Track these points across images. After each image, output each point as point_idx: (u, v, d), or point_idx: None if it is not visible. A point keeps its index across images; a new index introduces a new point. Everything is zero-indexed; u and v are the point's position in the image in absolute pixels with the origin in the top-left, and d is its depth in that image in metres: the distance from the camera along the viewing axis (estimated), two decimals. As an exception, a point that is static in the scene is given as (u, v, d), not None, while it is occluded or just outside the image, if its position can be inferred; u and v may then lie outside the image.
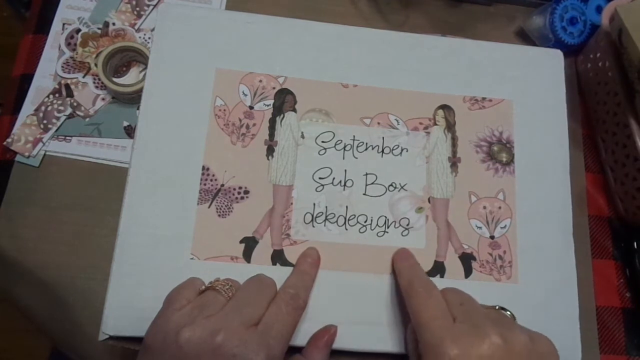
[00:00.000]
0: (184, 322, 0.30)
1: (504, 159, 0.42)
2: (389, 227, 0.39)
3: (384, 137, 0.41)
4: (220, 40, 0.42)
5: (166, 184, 0.38)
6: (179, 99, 0.40)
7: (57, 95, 0.47)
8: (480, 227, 0.40)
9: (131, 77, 0.49)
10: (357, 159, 0.41)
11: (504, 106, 0.43)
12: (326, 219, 0.39)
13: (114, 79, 0.47)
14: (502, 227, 0.40)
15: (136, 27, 0.50)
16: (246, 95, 0.41)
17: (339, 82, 0.42)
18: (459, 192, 0.41)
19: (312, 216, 0.39)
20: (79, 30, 0.49)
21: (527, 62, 0.44)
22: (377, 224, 0.39)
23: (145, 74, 0.41)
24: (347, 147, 0.41)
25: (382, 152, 0.41)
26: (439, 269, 0.39)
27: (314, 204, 0.39)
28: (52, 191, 0.45)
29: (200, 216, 0.38)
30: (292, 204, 0.39)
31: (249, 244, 0.38)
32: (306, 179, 0.40)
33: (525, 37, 0.54)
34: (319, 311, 0.37)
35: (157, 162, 0.39)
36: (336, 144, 0.41)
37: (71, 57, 0.48)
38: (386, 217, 0.40)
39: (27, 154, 0.46)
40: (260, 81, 0.41)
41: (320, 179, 0.40)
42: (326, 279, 0.37)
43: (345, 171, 0.40)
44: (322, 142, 0.41)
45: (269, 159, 0.40)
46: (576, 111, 0.52)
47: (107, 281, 0.36)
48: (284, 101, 0.41)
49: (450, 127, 0.42)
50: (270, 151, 0.40)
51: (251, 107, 0.41)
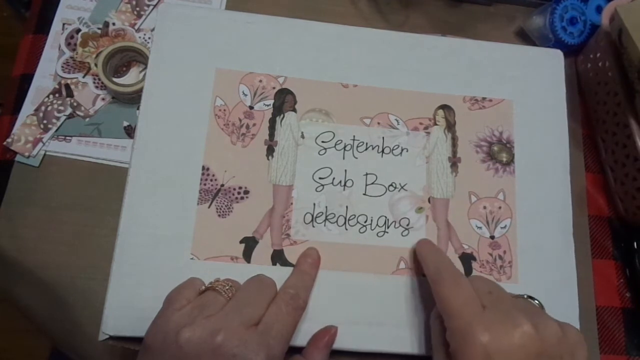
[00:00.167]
0: (184, 322, 0.30)
1: (504, 159, 0.42)
2: (389, 227, 0.39)
3: (384, 137, 0.41)
4: (220, 40, 0.42)
5: (166, 184, 0.38)
6: (179, 99, 0.40)
7: (57, 95, 0.47)
8: (480, 227, 0.40)
9: (131, 77, 0.49)
10: (357, 159, 0.41)
11: (504, 106, 0.43)
12: (326, 219, 0.39)
13: (114, 79, 0.47)
14: (502, 227, 0.40)
15: (136, 27, 0.50)
16: (246, 95, 0.41)
17: (339, 82, 0.42)
18: (459, 192, 0.41)
19: (312, 216, 0.39)
20: (79, 30, 0.49)
21: (527, 62, 0.44)
22: (377, 224, 0.39)
23: (145, 74, 0.41)
24: (347, 147, 0.41)
25: (382, 152, 0.41)
26: (439, 269, 0.39)
27: (314, 204, 0.39)
28: (52, 191, 0.45)
29: (200, 216, 0.38)
30: (292, 204, 0.39)
31: (249, 244, 0.38)
32: (306, 179, 0.40)
33: (525, 37, 0.54)
34: (319, 311, 0.37)
35: (157, 162, 0.39)
36: (336, 144, 0.41)
37: (71, 57, 0.48)
38: (386, 217, 0.40)
39: (27, 154, 0.46)
40: (260, 81, 0.41)
41: (320, 179, 0.40)
42: (326, 279, 0.37)
43: (345, 171, 0.40)
44: (322, 142, 0.41)
45: (269, 159, 0.40)
46: (576, 111, 0.52)
47: (107, 281, 0.36)
48: (284, 101, 0.41)
49: (450, 127, 0.42)
50: (270, 151, 0.40)
51: (251, 107, 0.41)
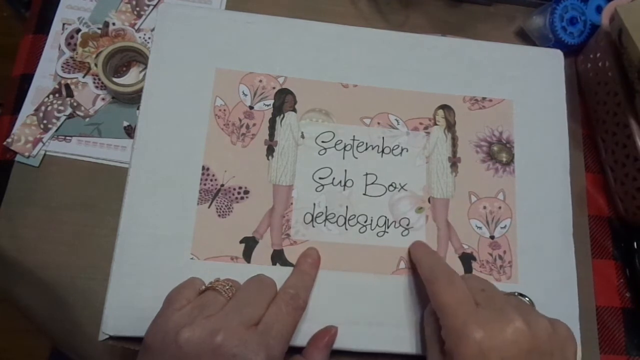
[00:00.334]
0: (184, 322, 0.30)
1: (504, 159, 0.42)
2: (389, 227, 0.39)
3: (384, 137, 0.41)
4: (220, 40, 0.42)
5: (166, 184, 0.38)
6: (179, 99, 0.40)
7: (57, 95, 0.47)
8: (480, 227, 0.40)
9: (131, 77, 0.49)
10: (357, 159, 0.41)
11: (504, 106, 0.43)
12: (326, 219, 0.39)
13: (114, 79, 0.47)
14: (502, 227, 0.40)
15: (136, 27, 0.50)
16: (246, 95, 0.41)
17: (339, 82, 0.42)
18: (459, 192, 0.41)
19: (312, 216, 0.39)
20: (79, 30, 0.49)
21: (527, 62, 0.44)
22: (377, 224, 0.39)
23: (145, 74, 0.41)
24: (347, 147, 0.41)
25: (382, 152, 0.41)
26: (439, 269, 0.39)
27: (314, 204, 0.39)
28: (52, 191, 0.45)
29: (200, 216, 0.38)
30: (292, 204, 0.39)
31: (249, 244, 0.38)
32: (306, 179, 0.40)
33: (525, 37, 0.54)
34: (319, 311, 0.37)
35: (157, 162, 0.39)
36: (336, 144, 0.41)
37: (71, 57, 0.48)
38: (386, 217, 0.40)
39: (27, 154, 0.46)
40: (260, 81, 0.41)
41: (320, 179, 0.40)
42: (326, 279, 0.37)
43: (345, 171, 0.40)
44: (322, 142, 0.41)
45: (269, 159, 0.40)
46: (576, 111, 0.52)
47: (107, 281, 0.36)
48: (284, 101, 0.41)
49: (450, 127, 0.42)
50: (270, 151, 0.40)
51: (251, 107, 0.41)
